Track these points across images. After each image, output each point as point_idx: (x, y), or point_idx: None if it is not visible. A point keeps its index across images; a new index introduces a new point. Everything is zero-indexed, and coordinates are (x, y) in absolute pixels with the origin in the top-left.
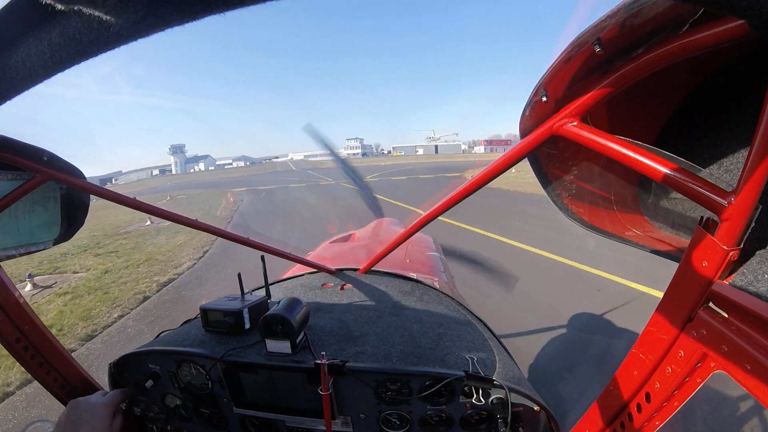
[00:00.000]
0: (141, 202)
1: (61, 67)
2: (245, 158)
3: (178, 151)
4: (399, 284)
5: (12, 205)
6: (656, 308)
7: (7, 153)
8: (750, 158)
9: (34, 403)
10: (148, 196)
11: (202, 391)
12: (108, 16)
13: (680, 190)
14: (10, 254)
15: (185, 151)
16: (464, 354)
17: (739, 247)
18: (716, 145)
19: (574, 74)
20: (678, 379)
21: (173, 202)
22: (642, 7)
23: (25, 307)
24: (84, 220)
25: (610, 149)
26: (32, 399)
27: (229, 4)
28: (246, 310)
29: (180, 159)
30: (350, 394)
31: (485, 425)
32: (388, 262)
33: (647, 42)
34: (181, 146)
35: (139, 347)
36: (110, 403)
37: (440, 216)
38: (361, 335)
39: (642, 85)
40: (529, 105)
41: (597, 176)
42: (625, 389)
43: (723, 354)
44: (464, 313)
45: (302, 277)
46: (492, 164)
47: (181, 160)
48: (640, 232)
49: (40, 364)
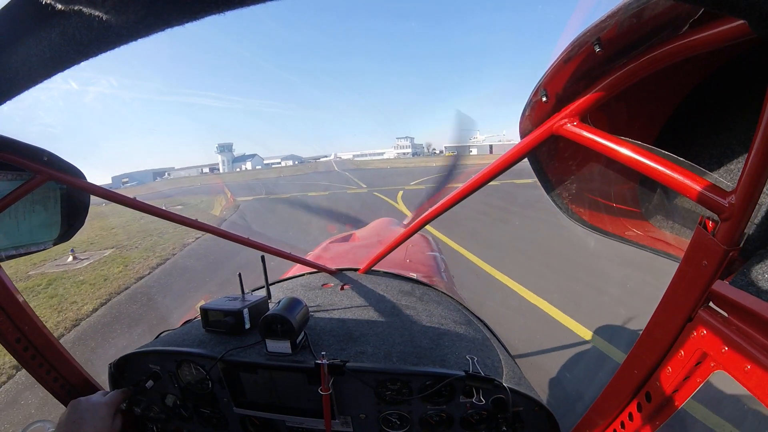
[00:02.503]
0: (141, 202)
1: (61, 67)
2: (294, 157)
3: (226, 150)
4: (399, 284)
5: (12, 205)
6: (656, 308)
7: (7, 153)
8: (750, 158)
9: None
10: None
11: (202, 391)
12: (108, 16)
13: (680, 190)
14: (10, 254)
15: (233, 150)
16: (464, 354)
17: (739, 246)
18: (716, 145)
19: (574, 74)
20: (678, 378)
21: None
22: (642, 7)
23: (25, 307)
24: (84, 220)
25: (610, 149)
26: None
27: (230, 4)
28: (246, 310)
29: (227, 158)
30: (350, 394)
31: (485, 425)
32: (388, 262)
33: (647, 42)
34: (229, 145)
35: (139, 347)
36: (111, 403)
37: (440, 216)
38: (361, 335)
39: (642, 85)
40: (529, 105)
41: (597, 176)
42: (625, 389)
43: (723, 354)
44: (464, 313)
45: (302, 277)
46: (492, 164)
47: (229, 159)
48: (640, 232)
49: (40, 364)
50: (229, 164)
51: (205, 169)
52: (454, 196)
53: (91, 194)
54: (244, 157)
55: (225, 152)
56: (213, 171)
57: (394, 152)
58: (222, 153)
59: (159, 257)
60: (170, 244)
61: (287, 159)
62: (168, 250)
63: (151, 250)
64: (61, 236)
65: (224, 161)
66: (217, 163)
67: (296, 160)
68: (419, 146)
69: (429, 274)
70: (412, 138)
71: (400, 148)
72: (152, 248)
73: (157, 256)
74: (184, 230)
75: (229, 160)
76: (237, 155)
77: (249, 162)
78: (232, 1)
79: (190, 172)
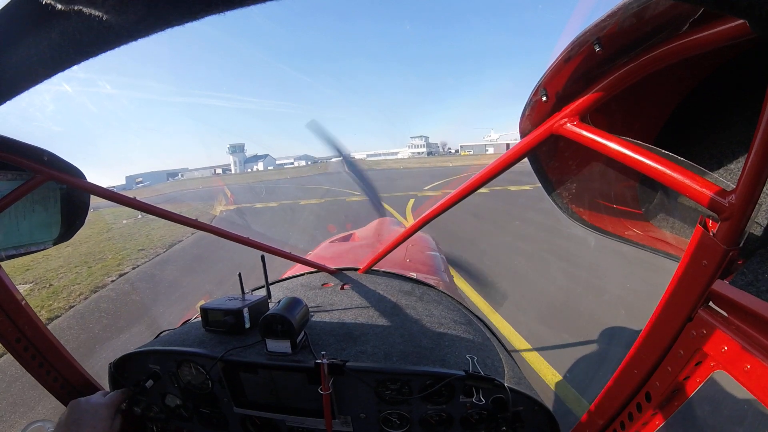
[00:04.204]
0: (141, 202)
1: (61, 67)
2: (307, 157)
3: (238, 150)
4: (399, 284)
5: (12, 205)
6: (656, 308)
7: (8, 153)
8: (750, 158)
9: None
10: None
11: (202, 391)
12: (108, 16)
13: (680, 190)
14: (10, 254)
15: (245, 151)
16: (464, 353)
17: (739, 246)
18: (716, 145)
19: (573, 74)
20: (678, 378)
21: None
22: (642, 7)
23: (25, 307)
24: (84, 220)
25: (610, 149)
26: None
27: (230, 4)
28: (246, 309)
29: (239, 158)
30: (350, 394)
31: (485, 425)
32: (388, 262)
33: (647, 42)
34: (241, 146)
35: (139, 347)
36: (111, 403)
37: (440, 216)
38: (361, 335)
39: (642, 85)
40: (529, 105)
41: (597, 176)
42: (625, 388)
43: (723, 353)
44: (464, 313)
45: (302, 276)
46: (492, 164)
47: (240, 159)
48: (640, 231)
49: (40, 364)
50: (241, 165)
51: (218, 170)
52: (454, 195)
53: (91, 194)
54: (255, 157)
55: (237, 153)
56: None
57: (408, 152)
58: (234, 154)
59: (67, 301)
60: (89, 281)
61: (300, 159)
62: (90, 287)
63: (67, 289)
64: (61, 236)
65: (236, 162)
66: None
67: (309, 160)
68: (434, 145)
69: (429, 273)
70: (426, 137)
71: (415, 147)
72: (69, 286)
73: (65, 299)
74: (129, 252)
75: (241, 160)
76: (249, 156)
77: (261, 162)
78: (232, 1)
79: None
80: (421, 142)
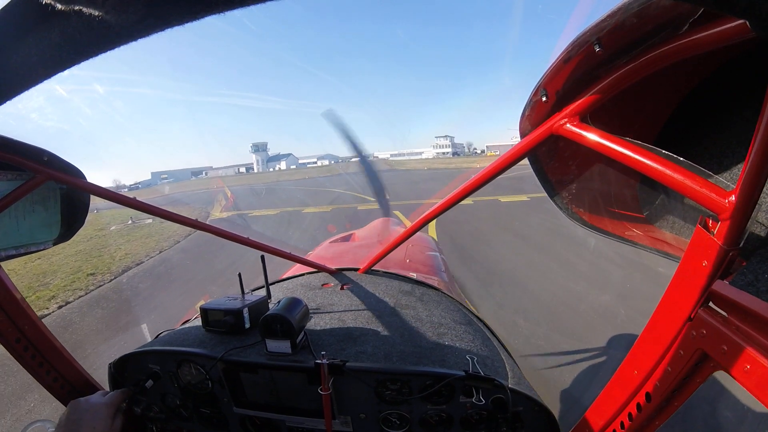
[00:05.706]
0: (141, 202)
1: (61, 67)
2: (330, 156)
3: (261, 149)
4: (399, 284)
5: (12, 205)
6: (656, 308)
7: (8, 153)
8: (750, 158)
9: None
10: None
11: (202, 391)
12: (108, 16)
13: (680, 190)
14: (10, 254)
15: (267, 150)
16: (464, 354)
17: (739, 246)
18: (716, 145)
19: (573, 74)
20: (678, 378)
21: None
22: (642, 7)
23: (25, 307)
24: (84, 220)
25: (610, 149)
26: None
27: (230, 4)
28: (246, 309)
29: (262, 157)
30: (350, 394)
31: (485, 425)
32: (388, 262)
33: (647, 42)
34: (264, 144)
35: (139, 347)
36: (111, 403)
37: (439, 216)
38: (361, 335)
39: (642, 85)
40: (529, 105)
41: (597, 176)
42: (625, 389)
43: (723, 354)
44: (464, 313)
45: (302, 277)
46: (492, 164)
47: (263, 158)
48: (640, 231)
49: (40, 364)
50: (264, 164)
51: (241, 168)
52: (455, 195)
53: (91, 194)
54: (278, 156)
55: (259, 152)
56: (248, 171)
57: (433, 151)
58: (256, 152)
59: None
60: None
61: (323, 158)
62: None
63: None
64: (61, 236)
65: (258, 161)
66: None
67: (332, 159)
68: (459, 145)
69: (429, 274)
70: (452, 137)
71: (439, 147)
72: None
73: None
74: (77, 278)
75: (264, 159)
76: (272, 154)
77: (284, 161)
78: (232, 1)
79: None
80: (446, 142)
